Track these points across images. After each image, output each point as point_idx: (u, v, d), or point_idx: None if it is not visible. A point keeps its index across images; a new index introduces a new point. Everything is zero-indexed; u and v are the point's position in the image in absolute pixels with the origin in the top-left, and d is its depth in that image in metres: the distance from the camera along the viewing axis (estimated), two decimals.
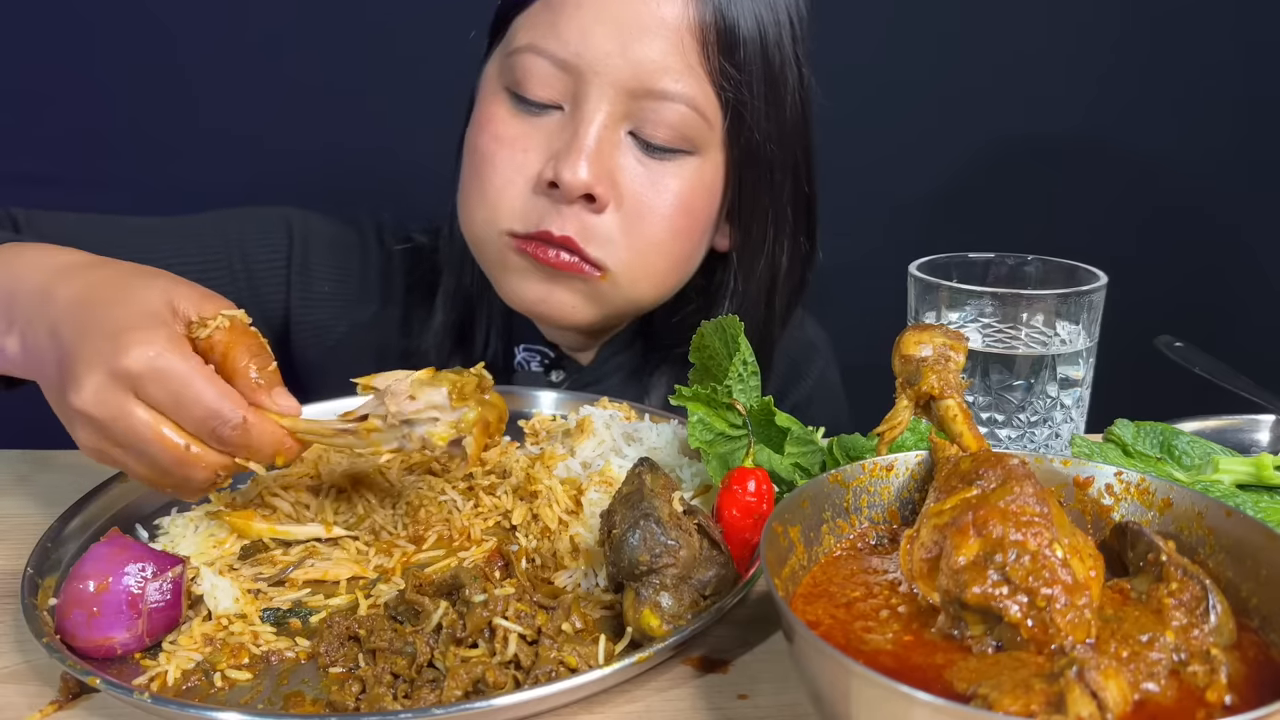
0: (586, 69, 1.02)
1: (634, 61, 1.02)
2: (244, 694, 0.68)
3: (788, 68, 1.10)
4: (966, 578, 0.58)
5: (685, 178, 1.08)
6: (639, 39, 1.02)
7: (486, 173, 1.08)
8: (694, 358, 0.92)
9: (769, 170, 1.13)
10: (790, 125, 1.13)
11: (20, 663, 0.72)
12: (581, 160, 1.02)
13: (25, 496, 0.97)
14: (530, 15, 1.07)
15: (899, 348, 0.78)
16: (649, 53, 1.02)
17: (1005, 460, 0.66)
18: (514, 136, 1.07)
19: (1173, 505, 0.69)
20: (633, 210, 1.07)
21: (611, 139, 1.05)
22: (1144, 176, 2.16)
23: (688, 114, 1.04)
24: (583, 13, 1.02)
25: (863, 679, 0.52)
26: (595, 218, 1.05)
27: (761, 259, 1.18)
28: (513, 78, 1.07)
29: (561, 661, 0.67)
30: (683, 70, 1.03)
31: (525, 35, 1.06)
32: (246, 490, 0.92)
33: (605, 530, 0.75)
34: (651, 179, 1.07)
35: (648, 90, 1.03)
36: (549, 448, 0.95)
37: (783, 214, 1.17)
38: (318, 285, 1.26)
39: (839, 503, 0.72)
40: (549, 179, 1.04)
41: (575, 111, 1.04)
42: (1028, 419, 0.94)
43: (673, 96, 1.03)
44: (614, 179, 1.05)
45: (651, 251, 1.09)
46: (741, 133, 1.09)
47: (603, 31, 1.02)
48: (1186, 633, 0.58)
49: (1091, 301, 0.93)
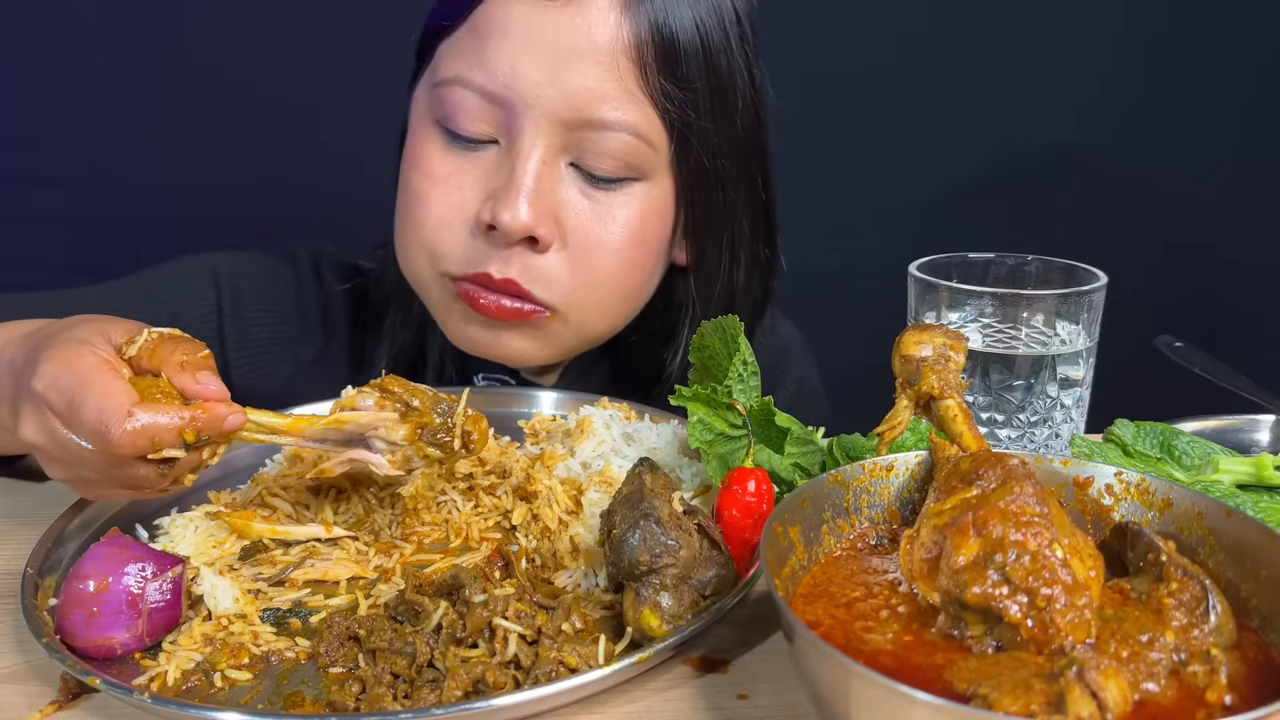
0: (518, 101, 0.96)
1: (567, 91, 0.95)
2: (244, 694, 0.68)
3: (736, 73, 1.03)
4: (966, 578, 0.58)
5: (634, 207, 1.02)
6: (571, 66, 0.95)
7: (420, 214, 1.02)
8: (694, 358, 0.92)
9: (720, 186, 1.07)
10: (743, 134, 1.06)
11: (20, 663, 0.72)
12: (520, 201, 0.96)
13: (25, 496, 0.97)
14: (455, 43, 1.01)
15: (899, 348, 0.78)
16: (583, 80, 0.95)
17: (1005, 460, 0.66)
18: (447, 173, 1.01)
19: (1173, 505, 0.69)
20: (580, 247, 1.01)
21: (551, 174, 0.99)
22: (1144, 177, 2.16)
23: (630, 142, 0.98)
24: (510, 41, 0.96)
25: (863, 679, 0.52)
26: (539, 258, 1.00)
27: (719, 278, 1.12)
28: (442, 111, 1.01)
29: (561, 661, 0.67)
30: (621, 96, 0.97)
31: (451, 65, 1.00)
32: (246, 490, 0.92)
33: (605, 530, 0.75)
34: (598, 212, 1.01)
35: (585, 121, 0.97)
36: (549, 448, 0.95)
37: (739, 227, 1.11)
38: (254, 332, 1.19)
39: (839, 503, 0.72)
40: (487, 221, 0.98)
41: (511, 147, 0.99)
42: (1028, 419, 0.94)
43: (613, 125, 0.97)
44: (557, 216, 1.00)
45: (602, 286, 1.04)
46: (690, 154, 1.02)
47: (531, 61, 0.95)
48: (1186, 633, 0.58)
49: (1091, 301, 0.93)
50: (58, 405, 0.71)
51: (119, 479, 0.73)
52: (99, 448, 0.70)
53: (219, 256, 1.21)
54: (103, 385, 0.70)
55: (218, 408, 0.73)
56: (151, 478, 0.72)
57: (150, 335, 0.76)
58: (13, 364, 0.80)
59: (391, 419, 0.81)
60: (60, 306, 0.90)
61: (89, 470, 0.74)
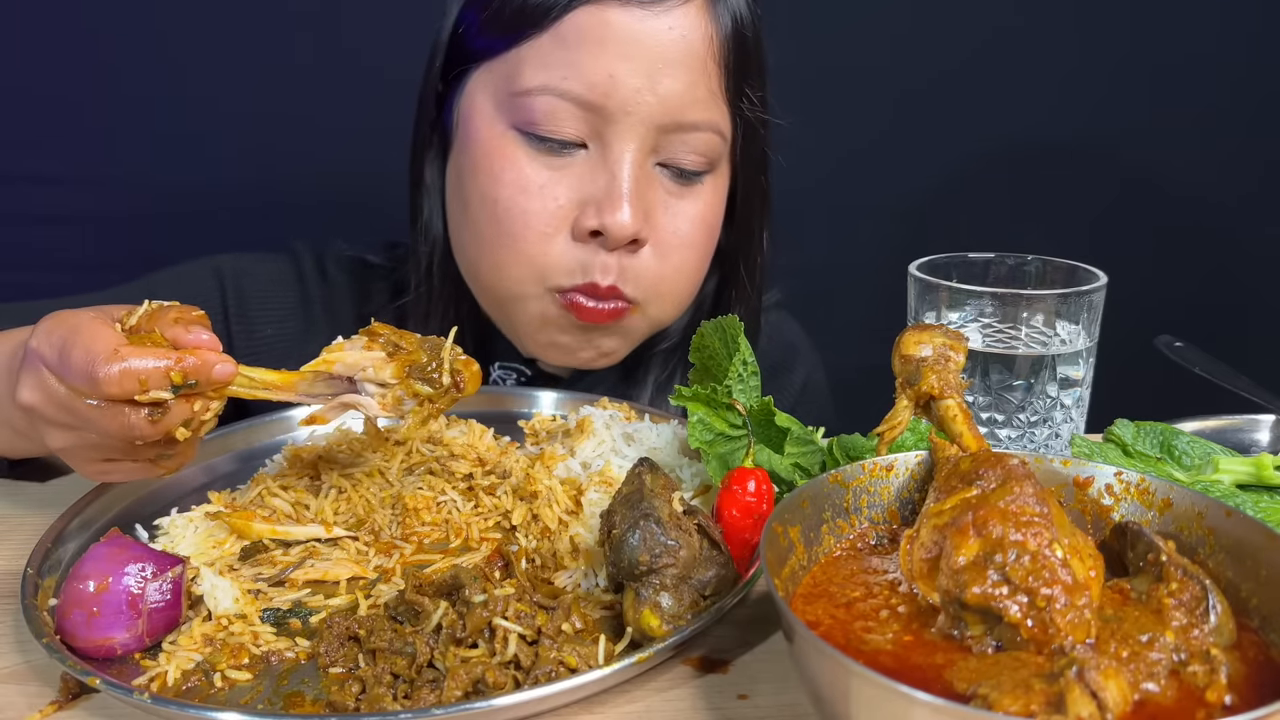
0: (617, 109, 0.98)
1: (664, 97, 0.99)
2: (244, 694, 0.68)
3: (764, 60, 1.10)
4: (966, 578, 0.58)
5: (706, 198, 1.08)
6: (667, 73, 0.98)
7: (518, 227, 1.02)
8: (694, 358, 0.92)
9: (763, 175, 1.14)
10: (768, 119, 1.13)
11: (20, 663, 0.72)
12: (624, 204, 0.99)
13: (25, 496, 0.97)
14: (538, 51, 1.00)
15: (899, 348, 0.78)
16: (678, 86, 0.99)
17: (1005, 460, 0.66)
18: (541, 184, 1.01)
19: (1173, 505, 0.69)
20: (665, 242, 1.05)
21: (644, 176, 1.02)
22: (1144, 177, 2.16)
23: (713, 139, 1.04)
24: (607, 50, 0.97)
25: (863, 679, 0.52)
26: (634, 258, 1.04)
27: (761, 256, 1.19)
28: (527, 118, 1.01)
29: (561, 661, 0.67)
30: (707, 98, 1.02)
31: (538, 74, 0.99)
32: (246, 490, 0.92)
33: (605, 530, 0.75)
34: (679, 207, 1.06)
35: (677, 124, 1.01)
36: (549, 448, 0.95)
37: (767, 208, 1.18)
38: (259, 330, 1.20)
39: (839, 503, 0.72)
40: (591, 227, 1.00)
41: (605, 152, 1.01)
42: (1028, 419, 0.94)
43: (700, 126, 1.02)
44: (648, 214, 1.04)
45: (680, 278, 1.09)
46: (753, 148, 1.09)
47: (629, 69, 0.97)
48: (1186, 633, 0.58)
49: (1091, 301, 0.93)
50: (49, 356, 0.72)
51: (107, 428, 0.72)
52: (87, 389, 0.70)
53: (223, 257, 1.22)
54: (91, 331, 0.71)
55: (207, 354, 0.73)
56: (142, 425, 0.72)
57: (149, 305, 0.77)
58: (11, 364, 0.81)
59: (379, 358, 0.81)
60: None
61: (78, 423, 0.74)
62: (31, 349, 0.74)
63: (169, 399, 0.72)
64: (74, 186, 1.88)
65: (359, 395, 0.81)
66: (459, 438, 0.99)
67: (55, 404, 0.73)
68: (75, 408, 0.72)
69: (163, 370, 0.71)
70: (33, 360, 0.74)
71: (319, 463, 0.94)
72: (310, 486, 0.92)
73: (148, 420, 0.72)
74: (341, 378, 0.81)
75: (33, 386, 0.74)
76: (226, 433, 1.02)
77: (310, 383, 0.80)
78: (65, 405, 0.73)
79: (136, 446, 0.76)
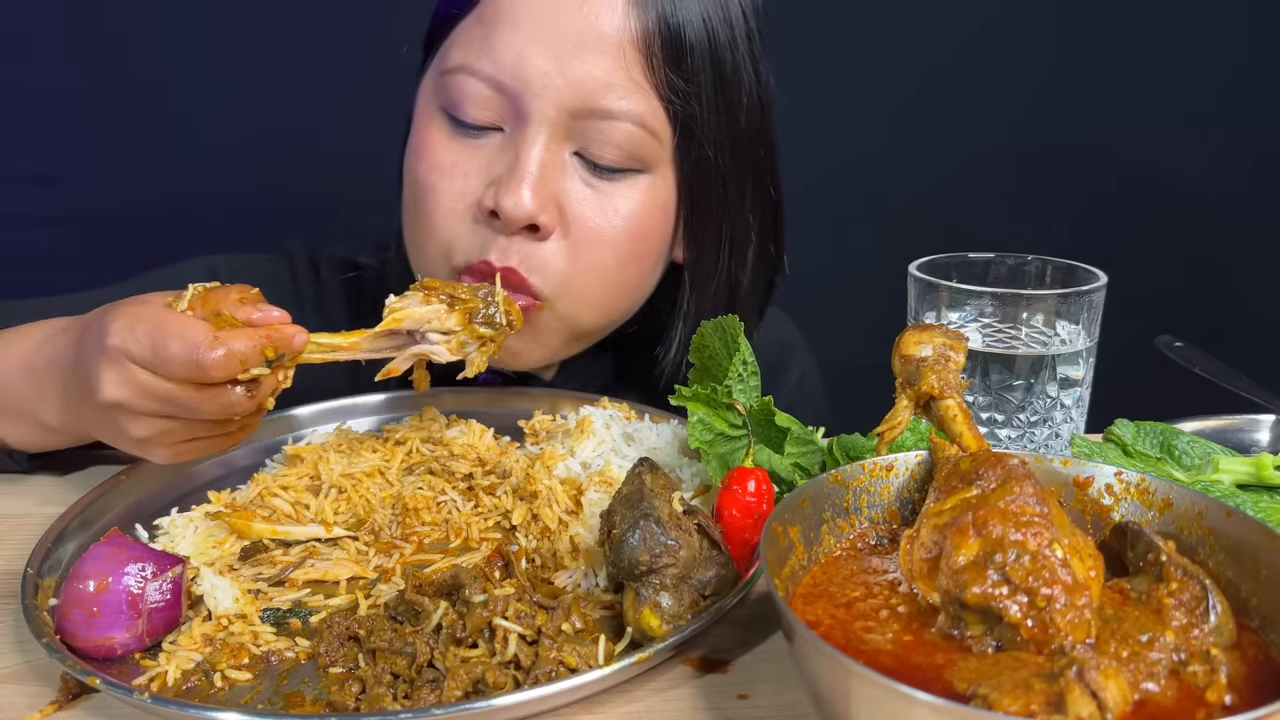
0: (525, 90, 0.96)
1: (574, 80, 0.96)
2: (244, 694, 0.68)
3: (742, 70, 1.03)
4: (966, 578, 0.58)
5: (636, 199, 1.02)
6: (579, 56, 0.96)
7: (428, 205, 1.02)
8: (694, 358, 0.92)
9: (721, 182, 1.07)
10: (747, 131, 1.07)
11: (20, 663, 0.72)
12: (524, 188, 0.96)
13: (25, 496, 0.97)
14: (463, 31, 1.01)
15: (899, 348, 0.78)
16: (590, 70, 0.96)
17: (1005, 460, 0.66)
18: (452, 162, 1.01)
19: (1173, 505, 0.69)
20: (580, 236, 1.01)
21: (556, 162, 0.99)
22: (1144, 177, 2.16)
23: (635, 132, 0.98)
24: (518, 30, 0.96)
25: (863, 679, 0.52)
26: (538, 246, 1.00)
27: (716, 275, 1.11)
28: (447, 99, 1.00)
29: (561, 661, 0.67)
30: (627, 86, 0.97)
31: (459, 54, 1.00)
32: (246, 490, 0.92)
33: (605, 530, 0.75)
34: (600, 202, 1.01)
35: (591, 110, 0.97)
36: (549, 448, 0.95)
37: (743, 225, 1.11)
38: None
39: (839, 503, 0.72)
40: (489, 207, 0.98)
41: (515, 134, 0.98)
42: (1028, 419, 0.94)
43: (618, 115, 0.97)
44: (559, 204, 0.99)
45: (595, 278, 1.03)
46: (692, 147, 1.02)
47: (540, 50, 0.95)
48: (1186, 633, 0.58)
49: (1091, 301, 0.93)
50: (140, 353, 0.75)
51: (210, 410, 0.77)
52: (193, 377, 0.75)
53: (217, 257, 1.23)
54: (179, 323, 0.76)
55: (285, 328, 0.79)
56: (242, 401, 0.78)
57: (195, 290, 0.81)
58: (54, 358, 0.85)
59: (441, 309, 0.87)
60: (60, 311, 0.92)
61: (178, 410, 0.78)
62: (114, 348, 0.76)
63: (265, 374, 0.78)
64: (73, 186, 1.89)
65: (427, 345, 0.87)
66: (459, 438, 0.99)
67: (148, 395, 0.77)
68: (174, 396, 0.76)
69: (258, 349, 0.76)
70: (115, 358, 0.76)
71: (319, 463, 0.94)
72: (310, 486, 0.92)
73: (246, 396, 0.77)
74: (403, 333, 0.87)
75: (119, 383, 0.77)
76: None
77: (373, 340, 0.86)
78: (160, 395, 0.76)
79: (220, 425, 0.81)
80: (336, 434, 1.01)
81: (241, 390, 0.77)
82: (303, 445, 0.99)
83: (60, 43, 1.83)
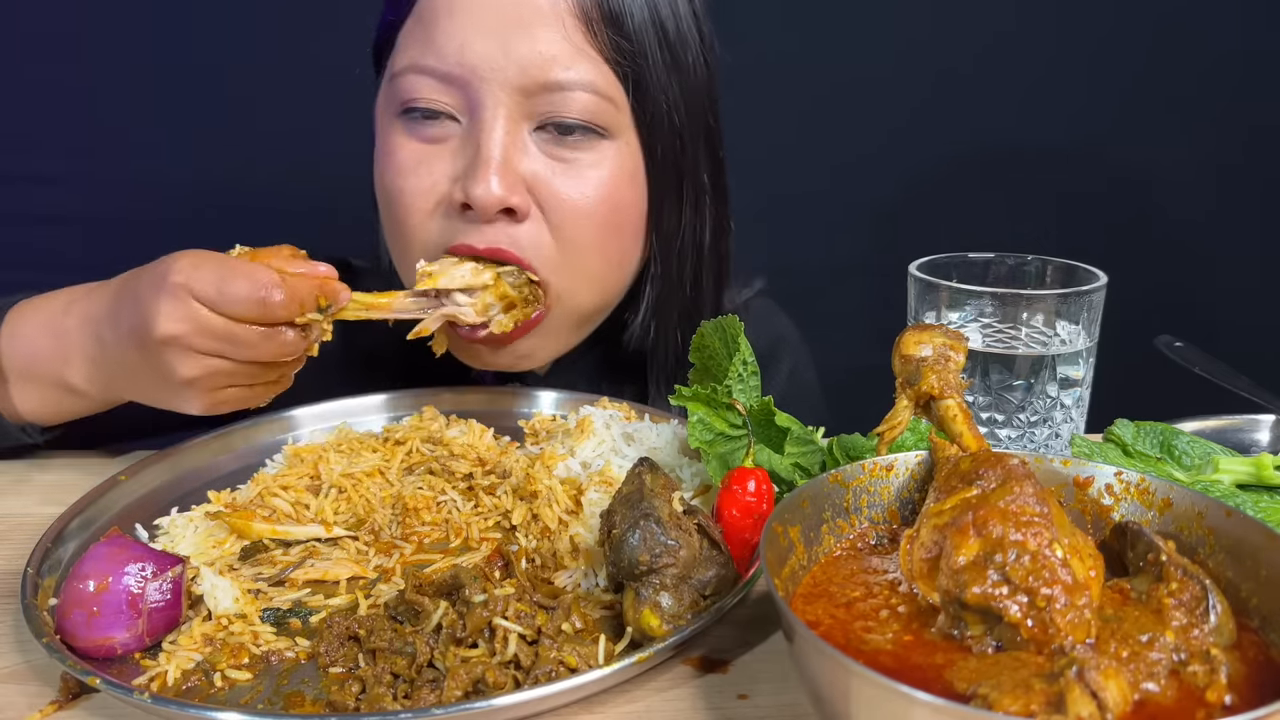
0: (472, 77, 0.96)
1: (519, 58, 0.96)
2: (244, 694, 0.68)
3: (684, 27, 1.04)
4: (966, 578, 0.58)
5: (605, 167, 1.02)
6: (519, 33, 0.96)
7: (400, 208, 1.02)
8: (694, 358, 0.92)
9: (678, 139, 1.06)
10: (695, 88, 1.06)
11: (20, 663, 0.72)
12: (490, 174, 0.96)
13: (25, 496, 0.97)
14: (405, 34, 1.02)
15: (899, 348, 0.78)
16: (533, 45, 0.96)
17: (1005, 460, 0.66)
18: (416, 162, 1.01)
19: (1173, 505, 0.69)
20: (556, 213, 1.00)
21: (516, 144, 0.98)
22: (1144, 176, 2.16)
23: (590, 100, 0.98)
24: (455, 20, 0.97)
25: (863, 679, 0.52)
26: (519, 227, 0.99)
27: (679, 235, 1.11)
28: (399, 100, 1.01)
29: (561, 661, 0.67)
30: (573, 55, 0.97)
31: (404, 56, 1.00)
32: (246, 490, 0.92)
33: (605, 530, 0.75)
34: (570, 174, 1.00)
35: (542, 85, 0.97)
36: (549, 448, 0.95)
37: (700, 184, 1.11)
38: None
39: (839, 503, 0.72)
40: (460, 200, 0.98)
41: (473, 123, 0.98)
42: (1028, 419, 0.94)
43: (569, 85, 0.97)
44: (529, 185, 0.99)
45: (584, 252, 1.03)
46: (647, 106, 1.02)
47: (480, 35, 0.96)
48: (1186, 633, 0.58)
49: (1091, 301, 0.93)
50: (204, 290, 0.81)
51: (267, 350, 0.84)
52: (256, 315, 0.82)
53: None
54: (245, 266, 0.83)
55: (333, 280, 0.87)
56: (297, 342, 0.85)
57: (241, 250, 0.87)
58: (88, 314, 0.90)
59: (473, 267, 0.96)
60: None
61: (235, 348, 0.83)
62: (177, 284, 0.81)
63: (319, 319, 0.86)
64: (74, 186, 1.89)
65: (453, 306, 0.95)
66: (459, 438, 0.99)
67: (206, 332, 0.82)
68: (234, 333, 0.82)
69: (314, 295, 0.85)
70: (177, 294, 0.81)
71: (319, 463, 0.94)
72: (310, 486, 0.92)
73: (301, 337, 0.85)
74: (432, 293, 0.95)
75: (180, 317, 0.82)
76: (226, 432, 1.02)
77: (405, 300, 0.94)
78: (220, 332, 0.82)
79: (265, 371, 0.87)
80: (336, 434, 1.01)
81: (295, 333, 0.84)
82: (303, 445, 0.99)
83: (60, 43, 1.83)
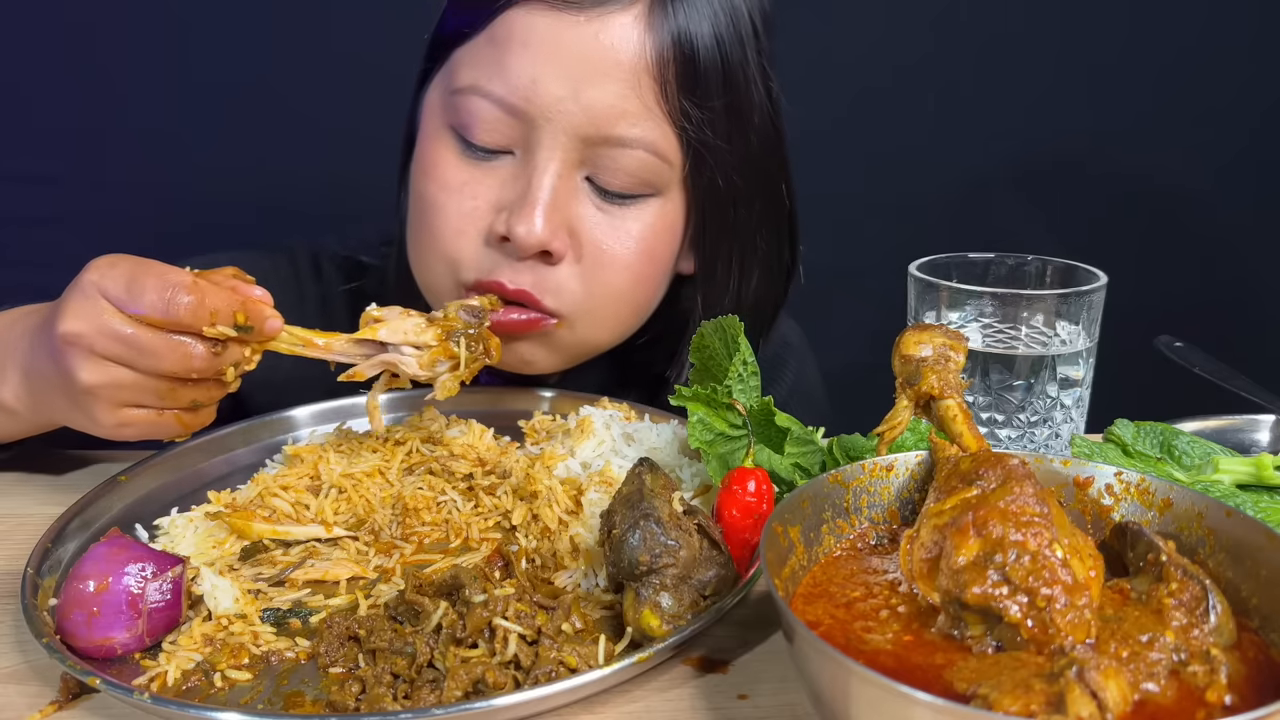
0: (537, 115, 0.95)
1: (587, 107, 0.94)
2: (244, 694, 0.68)
3: (753, 87, 1.03)
4: (966, 578, 0.58)
5: (647, 221, 1.02)
6: (592, 82, 0.94)
7: (437, 223, 1.01)
8: (694, 358, 0.92)
9: (732, 202, 1.06)
10: (759, 148, 1.06)
11: (20, 663, 0.72)
12: (536, 214, 0.95)
13: (25, 496, 0.97)
14: (473, 50, 0.99)
15: (899, 348, 0.78)
16: (604, 97, 0.94)
17: (1005, 460, 0.66)
18: (462, 182, 1.00)
19: (1173, 505, 0.69)
20: (592, 259, 1.01)
21: (567, 188, 0.98)
22: (1144, 177, 2.16)
23: (647, 159, 0.98)
24: (531, 53, 0.95)
25: (863, 679, 0.52)
26: (551, 270, 1.00)
27: (726, 292, 1.12)
28: (458, 119, 1.00)
29: (561, 661, 0.67)
30: (640, 113, 0.96)
31: (469, 73, 0.99)
32: (246, 490, 0.92)
33: (605, 530, 0.75)
34: (611, 225, 1.01)
35: (604, 137, 0.96)
36: (549, 448, 0.95)
37: (748, 241, 1.11)
38: None
39: (839, 503, 0.72)
40: (501, 233, 0.97)
41: (527, 159, 0.98)
42: (1028, 419, 0.94)
43: (631, 142, 0.96)
44: (572, 229, 0.99)
45: (611, 299, 1.04)
46: (704, 171, 1.02)
47: (553, 74, 0.94)
48: (1186, 633, 0.58)
49: (1091, 301, 0.93)
50: (113, 289, 0.77)
51: (167, 360, 0.78)
52: (160, 316, 0.76)
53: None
54: (161, 266, 0.78)
55: (263, 305, 0.82)
56: (203, 356, 0.79)
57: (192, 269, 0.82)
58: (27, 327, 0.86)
59: (420, 323, 0.90)
60: None
61: (134, 355, 0.77)
62: (89, 281, 0.77)
63: (234, 335, 0.79)
64: (74, 186, 1.89)
65: (398, 355, 0.89)
66: (459, 438, 0.99)
67: (108, 334, 0.77)
68: (135, 337, 0.77)
69: (232, 307, 0.79)
70: (87, 291, 0.77)
71: (319, 463, 0.94)
72: (310, 486, 0.92)
73: (209, 353, 0.79)
74: (378, 342, 0.89)
75: (84, 315, 0.77)
76: (226, 432, 1.02)
77: (346, 345, 0.88)
78: (120, 335, 0.77)
79: (173, 391, 0.81)
80: (336, 434, 1.01)
81: (204, 347, 0.78)
82: (303, 445, 0.99)
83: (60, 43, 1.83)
